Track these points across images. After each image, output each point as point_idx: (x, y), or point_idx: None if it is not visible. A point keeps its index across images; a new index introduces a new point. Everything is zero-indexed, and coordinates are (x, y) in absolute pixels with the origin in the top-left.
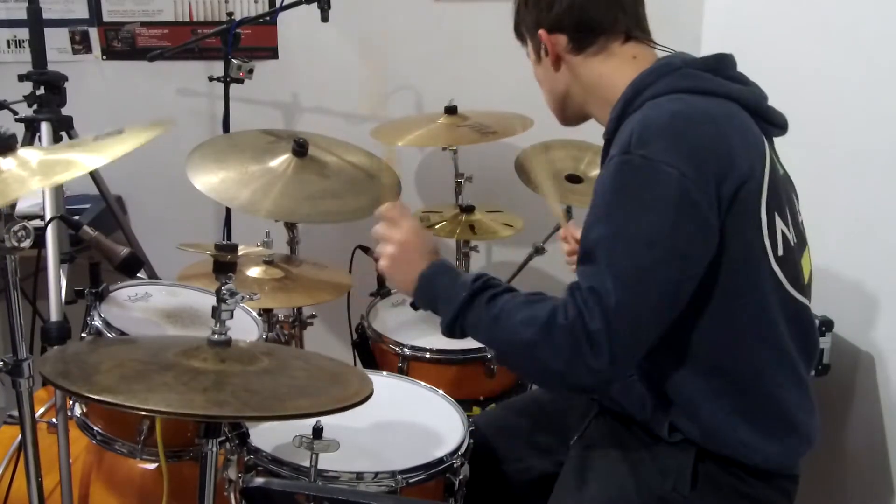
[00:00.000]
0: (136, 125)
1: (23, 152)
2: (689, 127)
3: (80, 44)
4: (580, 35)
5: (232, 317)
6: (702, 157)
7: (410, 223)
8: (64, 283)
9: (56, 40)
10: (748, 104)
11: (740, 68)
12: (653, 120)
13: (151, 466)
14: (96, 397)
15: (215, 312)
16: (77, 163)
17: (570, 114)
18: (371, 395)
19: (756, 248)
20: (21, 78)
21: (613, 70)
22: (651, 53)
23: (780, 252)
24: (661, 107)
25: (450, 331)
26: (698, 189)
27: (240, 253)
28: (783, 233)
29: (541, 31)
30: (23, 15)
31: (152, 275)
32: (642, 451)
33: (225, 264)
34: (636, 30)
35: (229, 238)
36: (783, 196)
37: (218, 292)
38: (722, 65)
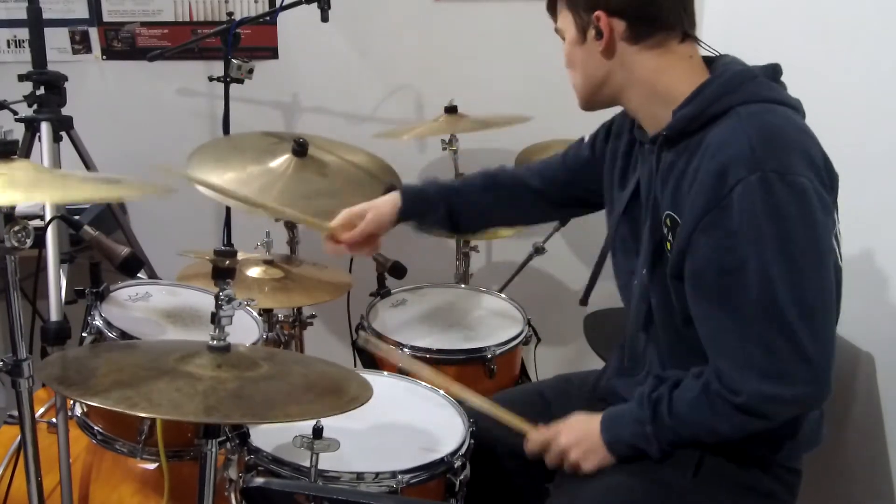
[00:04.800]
0: (136, 176)
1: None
2: (800, 138)
3: (80, 44)
4: (641, 25)
5: (231, 322)
6: (817, 167)
7: (553, 430)
8: (64, 283)
9: (56, 40)
10: (802, 115)
11: None
12: (765, 131)
13: (152, 466)
14: (89, 402)
15: (214, 318)
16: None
17: (598, 100)
18: (367, 401)
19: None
20: (21, 78)
21: (669, 66)
22: (699, 55)
23: (841, 256)
24: (763, 117)
25: (665, 455)
26: (825, 196)
27: (239, 258)
28: (839, 234)
29: (599, 13)
30: (23, 15)
31: (152, 275)
32: None
33: (224, 270)
34: (692, 30)
35: (229, 238)
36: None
37: (216, 298)
38: (778, 74)
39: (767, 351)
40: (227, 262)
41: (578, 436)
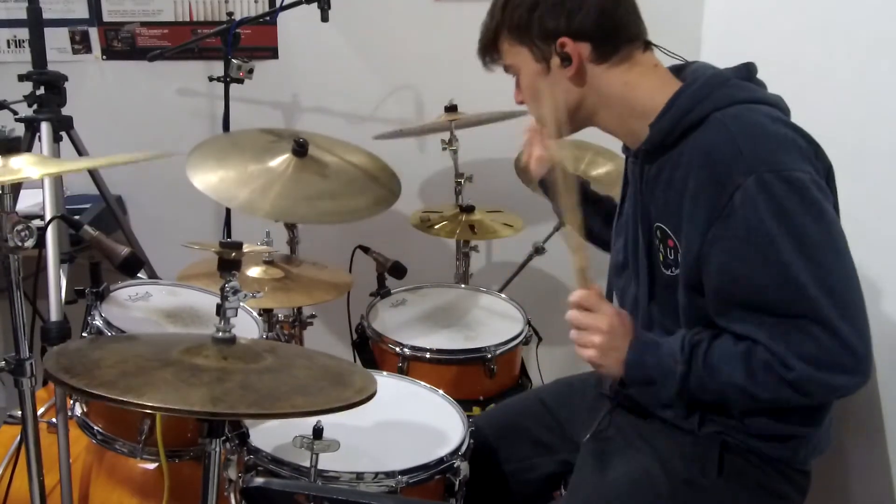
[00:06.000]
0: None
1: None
2: (782, 131)
3: (80, 44)
4: (605, 43)
5: (236, 314)
6: (807, 156)
7: (609, 308)
8: (64, 283)
9: (56, 40)
10: (783, 111)
11: None
12: (749, 132)
13: (152, 466)
14: (93, 391)
15: (219, 310)
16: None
17: (573, 126)
18: (372, 396)
19: None
20: (21, 78)
21: (639, 79)
22: (660, 61)
23: None
24: (743, 119)
25: (676, 404)
26: (822, 184)
27: (244, 251)
28: None
29: (563, 40)
30: (23, 15)
31: (152, 274)
32: (666, 441)
33: (229, 262)
34: (646, 35)
35: (230, 238)
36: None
37: (222, 290)
38: (753, 73)
39: (814, 343)
40: (234, 253)
41: (613, 336)
